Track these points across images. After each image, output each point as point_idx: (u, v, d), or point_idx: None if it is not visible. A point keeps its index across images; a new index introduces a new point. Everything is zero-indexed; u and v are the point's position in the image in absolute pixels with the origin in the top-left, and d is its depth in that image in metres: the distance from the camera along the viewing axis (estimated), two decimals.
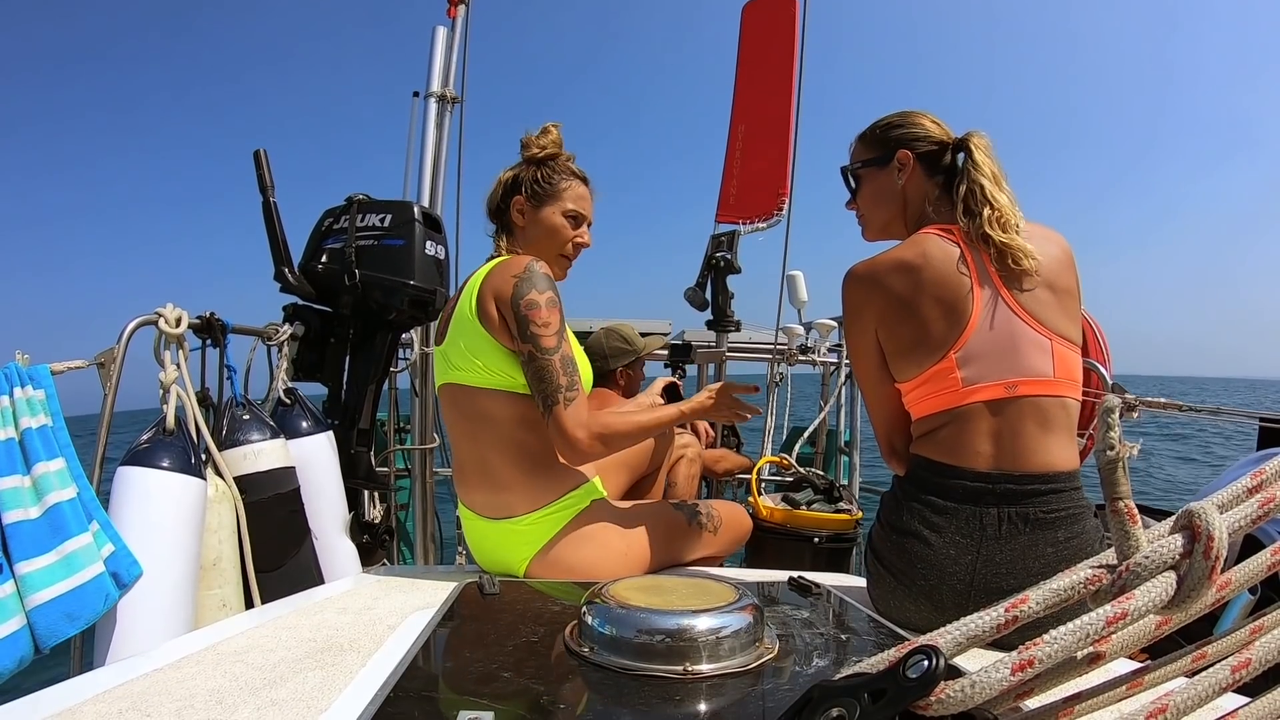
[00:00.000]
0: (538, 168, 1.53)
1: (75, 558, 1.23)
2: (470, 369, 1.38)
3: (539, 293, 1.33)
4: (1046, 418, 1.12)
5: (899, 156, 1.29)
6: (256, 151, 1.93)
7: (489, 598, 1.10)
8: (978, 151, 1.23)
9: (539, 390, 1.33)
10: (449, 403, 1.46)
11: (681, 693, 0.75)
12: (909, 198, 1.30)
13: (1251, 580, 0.42)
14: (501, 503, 1.40)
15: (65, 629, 1.20)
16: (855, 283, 1.22)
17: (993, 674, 0.36)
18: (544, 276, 1.36)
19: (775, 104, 2.88)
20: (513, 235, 1.54)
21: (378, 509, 2.44)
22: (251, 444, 1.60)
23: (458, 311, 1.41)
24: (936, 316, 1.15)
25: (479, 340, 1.36)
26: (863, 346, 1.24)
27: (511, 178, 1.53)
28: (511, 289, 1.33)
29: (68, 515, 1.26)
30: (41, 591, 1.19)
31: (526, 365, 1.33)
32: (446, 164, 2.69)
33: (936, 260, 1.16)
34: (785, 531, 2.04)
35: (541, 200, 1.52)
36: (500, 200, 1.54)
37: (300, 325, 1.98)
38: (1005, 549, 1.09)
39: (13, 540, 1.21)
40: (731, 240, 2.75)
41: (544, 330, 1.32)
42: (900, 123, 1.31)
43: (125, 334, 1.50)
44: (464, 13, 2.76)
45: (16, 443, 1.30)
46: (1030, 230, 1.19)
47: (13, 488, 1.25)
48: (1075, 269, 1.22)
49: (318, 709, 0.77)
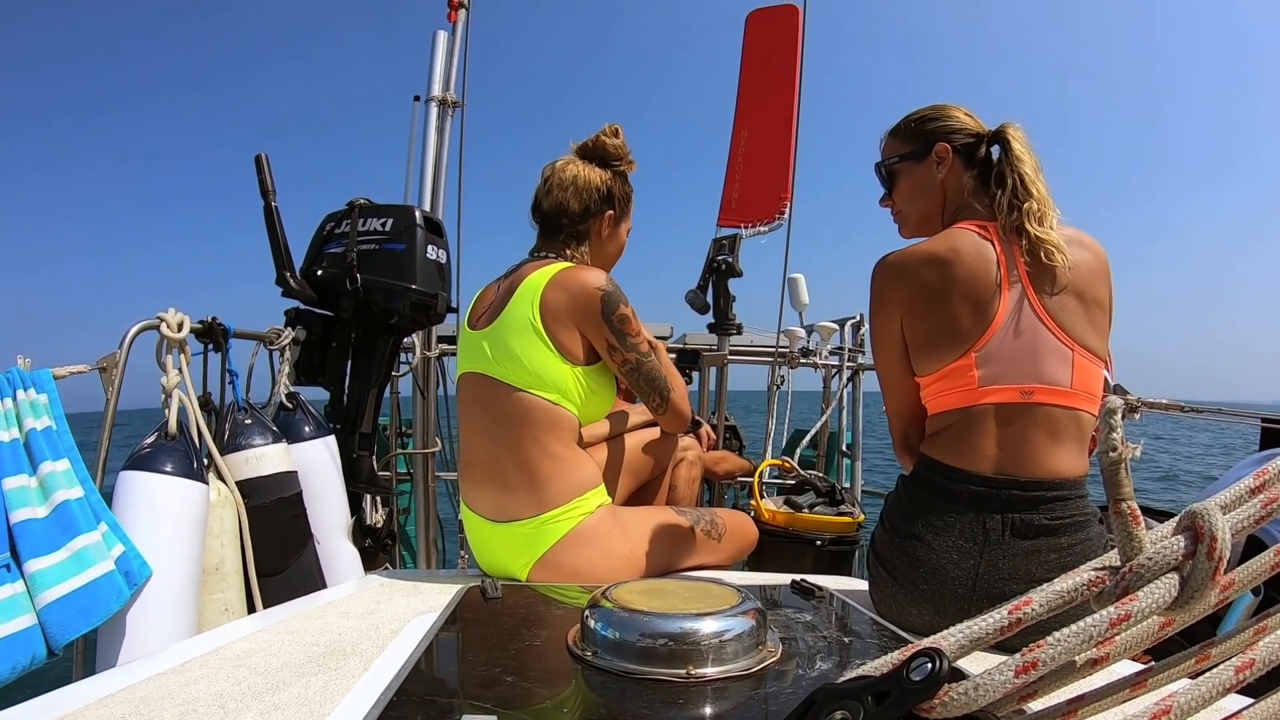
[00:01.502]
0: (624, 182, 1.54)
1: (85, 554, 1.22)
2: (511, 366, 1.37)
3: (625, 305, 1.39)
4: (1058, 429, 1.10)
5: (937, 150, 1.27)
6: (258, 156, 1.94)
7: (491, 602, 1.09)
8: (1015, 143, 1.21)
9: (651, 388, 1.45)
10: (472, 393, 1.45)
11: (684, 696, 0.75)
12: (948, 191, 1.28)
13: (1255, 581, 0.42)
14: (507, 504, 1.39)
15: (78, 625, 1.19)
16: (885, 272, 1.22)
17: (996, 676, 0.36)
18: (618, 287, 1.40)
19: (778, 110, 2.91)
20: (583, 244, 1.52)
21: (380, 513, 2.44)
22: (253, 448, 1.60)
23: (513, 310, 1.39)
24: (962, 313, 1.14)
25: (532, 342, 1.36)
26: (887, 337, 1.23)
27: (605, 189, 1.51)
28: (600, 303, 1.36)
29: (76, 513, 1.26)
30: (52, 589, 1.18)
31: (633, 372, 1.42)
32: (447, 168, 2.70)
33: (968, 256, 1.15)
34: (787, 534, 2.04)
35: (622, 217, 1.55)
36: (589, 207, 1.50)
37: (302, 330, 1.98)
38: (1008, 554, 1.09)
39: (21, 539, 1.21)
40: (733, 243, 2.76)
41: (639, 339, 1.41)
42: (935, 116, 1.30)
43: (127, 339, 1.50)
44: (464, 17, 2.77)
45: (21, 443, 1.30)
46: (1066, 234, 1.16)
47: (19, 487, 1.25)
48: (1109, 280, 1.18)
49: (320, 713, 0.77)
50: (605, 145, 1.52)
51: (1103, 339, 1.16)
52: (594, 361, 1.42)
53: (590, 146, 1.54)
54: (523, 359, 1.36)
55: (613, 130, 1.53)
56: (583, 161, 1.53)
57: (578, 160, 1.53)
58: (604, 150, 1.52)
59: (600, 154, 1.53)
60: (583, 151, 1.55)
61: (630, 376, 1.44)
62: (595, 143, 1.53)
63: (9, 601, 1.16)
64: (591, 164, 1.52)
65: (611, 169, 1.52)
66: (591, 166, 1.51)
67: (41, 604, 1.17)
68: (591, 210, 1.50)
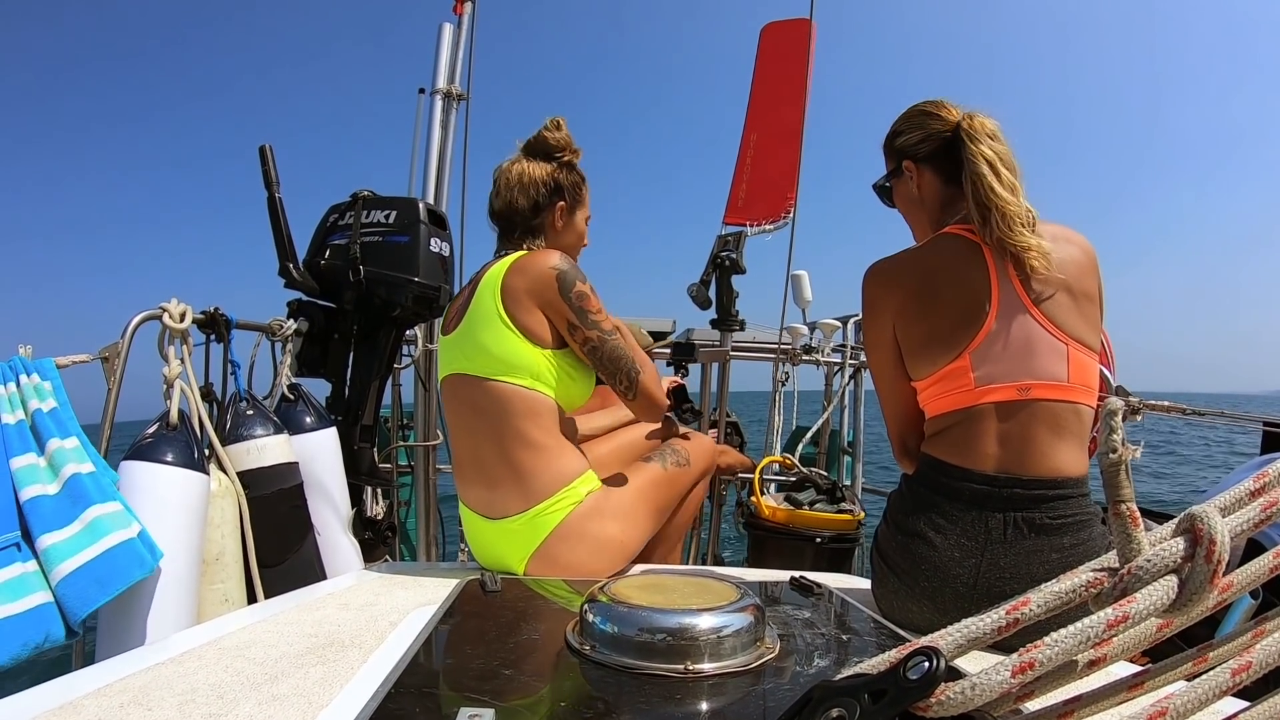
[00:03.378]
0: (570, 172, 1.55)
1: (100, 524, 1.21)
2: (480, 358, 1.39)
3: (582, 282, 1.39)
4: (1059, 423, 1.11)
5: (905, 167, 1.29)
6: (262, 147, 1.93)
7: (490, 595, 1.10)
8: (970, 142, 1.18)
9: (616, 369, 1.41)
10: (451, 394, 1.48)
11: (682, 691, 0.75)
12: (926, 202, 1.29)
13: (1253, 583, 0.41)
14: (496, 501, 1.41)
15: (96, 596, 1.16)
16: (874, 279, 1.23)
17: (993, 676, 0.36)
18: (576, 266, 1.41)
19: (787, 116, 3.00)
20: (539, 238, 1.54)
21: (380, 505, 2.44)
22: (255, 439, 1.60)
23: (477, 304, 1.41)
24: (953, 315, 1.14)
25: (497, 329, 1.38)
26: (880, 343, 1.24)
27: (552, 181, 1.53)
28: (556, 281, 1.36)
29: (88, 485, 1.26)
30: (66, 562, 1.16)
31: (595, 351, 1.40)
32: (452, 161, 2.70)
33: (955, 260, 1.16)
34: (787, 531, 2.04)
35: (574, 206, 1.56)
36: (538, 202, 1.52)
37: (304, 321, 1.98)
38: (1010, 553, 1.09)
39: (32, 516, 1.20)
40: (738, 241, 2.77)
41: (600, 316, 1.40)
42: (901, 129, 1.30)
43: (130, 329, 1.51)
44: (470, 9, 2.76)
45: (28, 424, 1.30)
46: (1049, 231, 1.15)
47: (28, 465, 1.25)
48: (1097, 273, 1.18)
49: (319, 704, 0.77)
50: (546, 139, 1.56)
51: (1095, 331, 1.17)
52: (564, 345, 1.43)
53: (533, 143, 1.57)
54: (490, 347, 1.38)
55: (554, 124, 1.55)
56: (527, 159, 1.56)
57: (523, 158, 1.56)
58: (545, 144, 1.56)
59: (543, 148, 1.56)
60: (527, 148, 1.58)
61: (593, 356, 1.41)
62: (537, 138, 1.57)
63: (20, 580, 1.15)
64: (535, 159, 1.55)
65: (555, 161, 1.55)
66: (536, 162, 1.55)
67: (56, 579, 1.15)
68: (541, 204, 1.53)
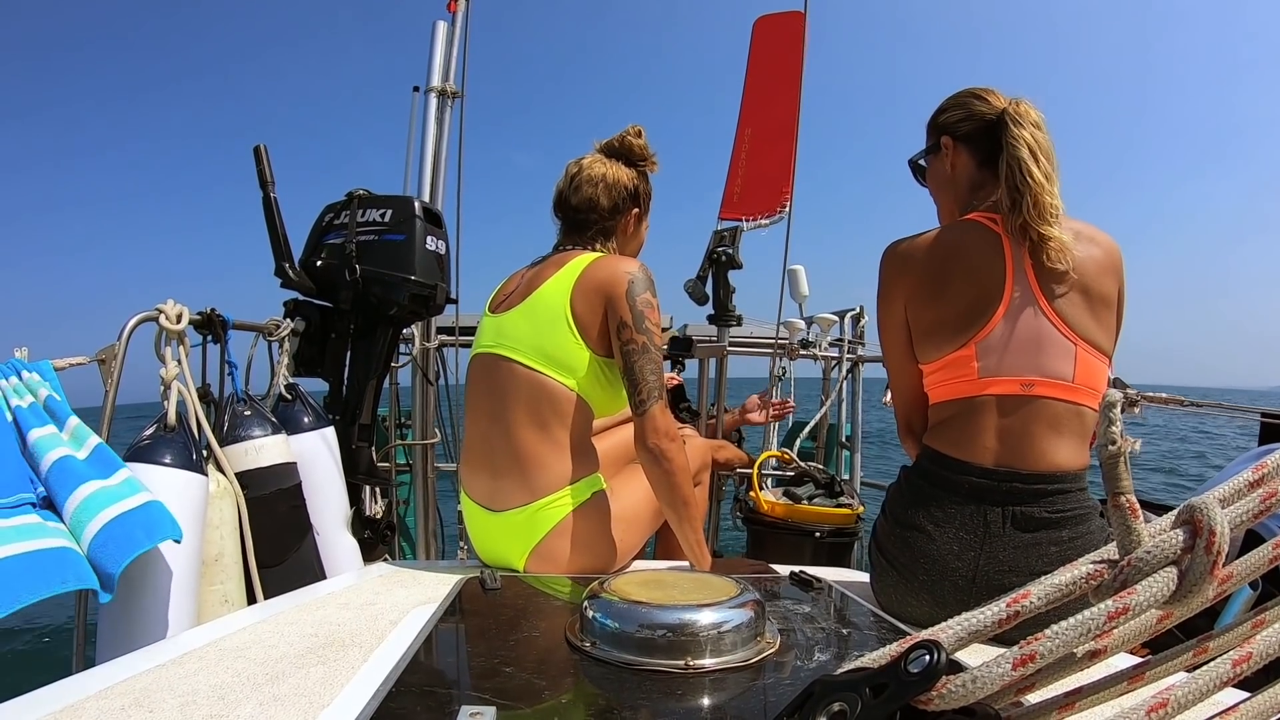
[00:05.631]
0: (647, 181, 1.57)
1: (133, 482, 1.21)
2: (525, 344, 1.39)
3: (653, 295, 1.40)
4: (1059, 422, 1.10)
5: (942, 142, 1.28)
6: (257, 147, 1.93)
7: (491, 593, 1.10)
8: (1013, 125, 1.16)
9: (642, 381, 1.37)
10: (483, 373, 1.46)
11: (683, 687, 0.75)
12: (957, 183, 1.28)
13: (1252, 575, 0.41)
14: (499, 492, 1.41)
15: (141, 540, 1.12)
16: (891, 259, 1.23)
17: (994, 669, 0.36)
18: (653, 281, 1.42)
19: (781, 110, 2.98)
20: (611, 240, 1.55)
21: (379, 504, 2.44)
22: (253, 439, 1.60)
23: (543, 294, 1.42)
24: (964, 303, 1.14)
25: (555, 324, 1.38)
26: (891, 323, 1.25)
27: (634, 187, 1.54)
28: (627, 284, 1.37)
29: (115, 454, 1.27)
30: (103, 512, 1.13)
31: (632, 355, 1.37)
32: (447, 159, 2.69)
33: (973, 248, 1.15)
34: (786, 526, 2.05)
35: (644, 214, 1.58)
36: (618, 204, 1.52)
37: (301, 321, 1.98)
38: (1009, 546, 1.09)
39: (62, 476, 1.18)
40: (734, 236, 2.77)
41: (655, 329, 1.39)
42: (947, 106, 1.29)
43: (126, 330, 1.50)
44: (464, 7, 2.75)
45: (40, 406, 1.32)
46: (1074, 227, 1.14)
47: (48, 434, 1.25)
48: (1119, 276, 1.16)
49: (320, 704, 0.77)
50: (631, 145, 1.56)
51: (1109, 335, 1.15)
52: (611, 355, 1.42)
53: (616, 145, 1.57)
54: (542, 338, 1.38)
55: (636, 131, 1.56)
56: (609, 160, 1.55)
57: (604, 158, 1.56)
58: (630, 150, 1.56)
59: (627, 153, 1.56)
60: (608, 150, 1.58)
61: (627, 359, 1.38)
62: (621, 142, 1.56)
63: (38, 526, 1.11)
64: (618, 162, 1.55)
65: (637, 168, 1.56)
66: (619, 165, 1.54)
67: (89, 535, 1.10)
68: (620, 208, 1.53)
